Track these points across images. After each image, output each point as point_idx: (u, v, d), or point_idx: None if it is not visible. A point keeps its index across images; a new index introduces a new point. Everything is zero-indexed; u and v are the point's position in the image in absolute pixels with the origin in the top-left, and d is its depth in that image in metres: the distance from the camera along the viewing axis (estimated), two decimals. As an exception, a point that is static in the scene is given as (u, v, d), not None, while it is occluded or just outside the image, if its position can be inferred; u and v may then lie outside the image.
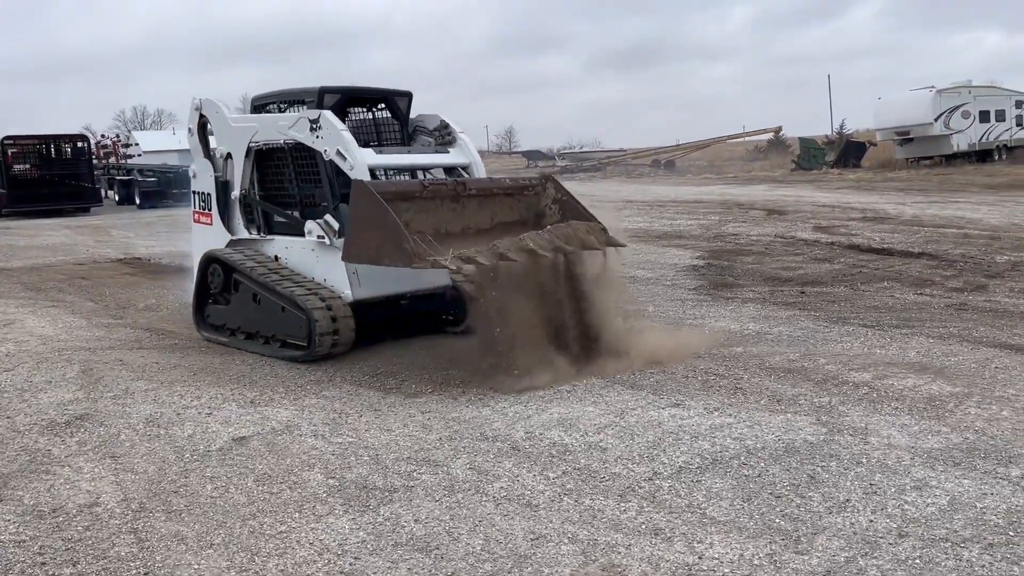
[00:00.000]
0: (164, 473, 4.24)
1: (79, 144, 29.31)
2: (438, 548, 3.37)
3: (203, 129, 7.65)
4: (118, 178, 32.38)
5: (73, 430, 4.92)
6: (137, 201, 29.65)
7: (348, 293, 6.35)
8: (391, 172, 7.05)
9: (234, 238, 7.38)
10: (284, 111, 7.18)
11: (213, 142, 7.64)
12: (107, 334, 7.67)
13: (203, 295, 7.36)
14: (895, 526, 3.40)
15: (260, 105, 7.50)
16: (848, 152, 37.65)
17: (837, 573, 3.07)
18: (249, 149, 7.16)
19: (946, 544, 3.24)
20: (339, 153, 6.28)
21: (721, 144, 47.73)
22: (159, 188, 29.53)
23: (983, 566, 3.07)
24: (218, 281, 7.15)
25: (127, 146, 41.48)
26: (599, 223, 6.22)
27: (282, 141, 6.86)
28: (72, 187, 27.29)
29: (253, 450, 4.54)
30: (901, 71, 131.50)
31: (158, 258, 13.62)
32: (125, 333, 7.73)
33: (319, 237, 6.47)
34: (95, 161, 32.06)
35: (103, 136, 40.92)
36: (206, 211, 7.69)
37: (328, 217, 6.43)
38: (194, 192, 7.85)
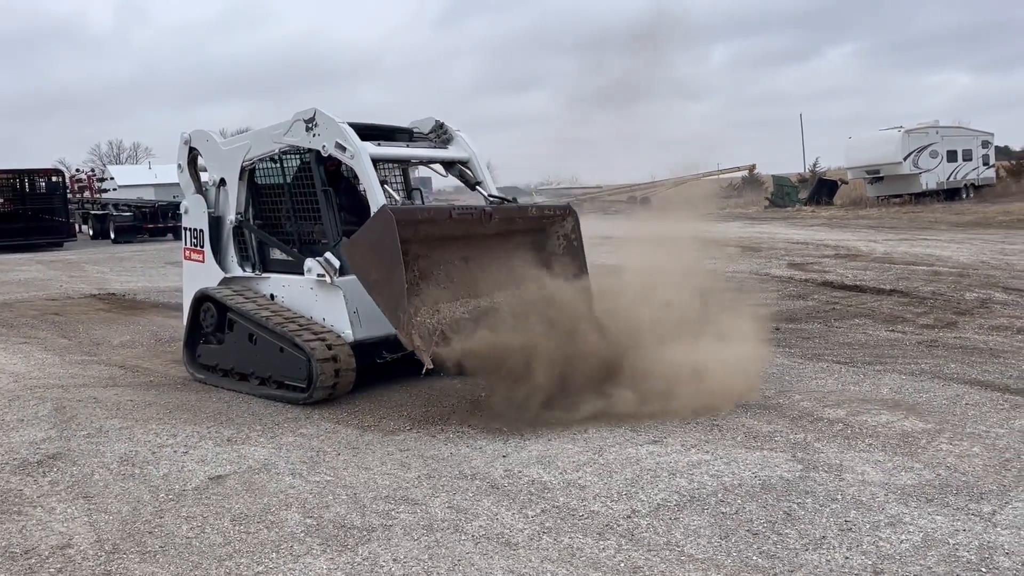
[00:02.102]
0: (138, 513, 4.19)
1: (53, 178, 29.14)
2: (417, 588, 3.35)
3: (193, 164, 7.56)
4: (92, 212, 32.20)
5: (45, 469, 4.85)
6: (112, 236, 29.44)
7: (348, 333, 6.18)
8: (390, 165, 7.01)
9: (227, 276, 7.24)
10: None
11: (204, 176, 7.53)
12: (81, 371, 7.59)
13: (194, 334, 7.16)
14: (870, 563, 3.44)
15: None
16: (820, 190, 38.30)
17: (814, 610, 3.09)
18: (243, 170, 7.02)
19: (920, 580, 3.27)
20: (338, 145, 6.14)
21: (696, 182, 48.33)
22: (134, 223, 29.38)
23: (956, 602, 3.11)
24: (211, 320, 6.97)
25: (102, 180, 41.29)
26: (587, 282, 6.30)
27: (277, 151, 6.73)
28: (46, 222, 27.06)
29: (230, 489, 4.50)
30: (873, 111, 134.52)
31: (133, 294, 13.49)
32: (99, 370, 7.64)
33: (319, 276, 6.29)
34: (69, 195, 31.86)
35: (78, 170, 40.76)
36: (198, 248, 7.53)
37: (328, 255, 6.25)
38: (185, 228, 7.69)
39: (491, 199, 6.68)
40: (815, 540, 3.67)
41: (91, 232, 31.19)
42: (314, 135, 6.33)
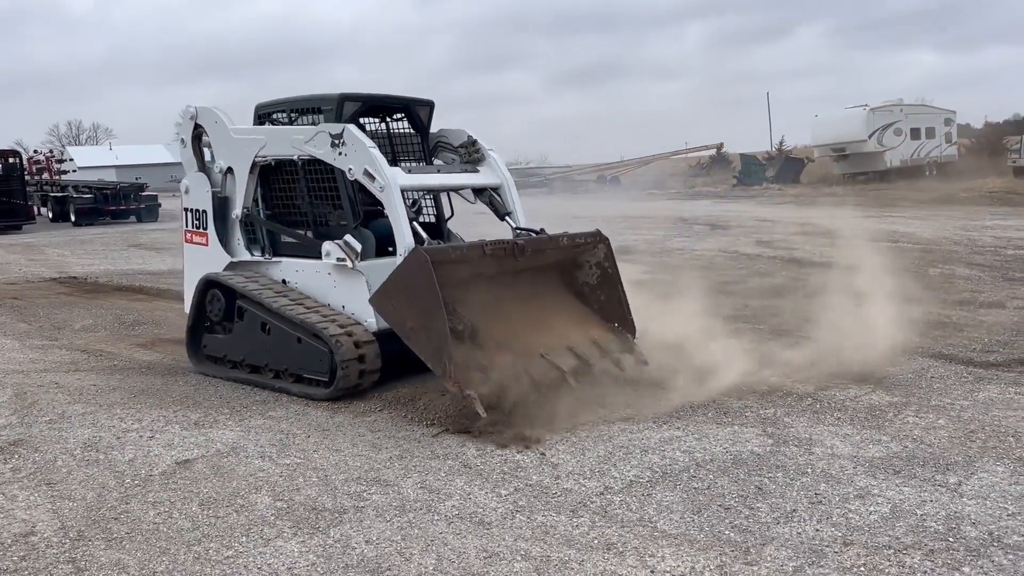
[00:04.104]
0: (103, 499, 4.11)
1: (11, 160, 28.44)
2: (390, 569, 3.33)
3: (198, 140, 7.02)
4: (52, 195, 31.47)
5: (6, 456, 4.73)
6: (72, 218, 28.84)
7: (372, 322, 5.74)
8: (419, 194, 6.53)
9: (234, 260, 6.74)
10: (295, 121, 6.57)
11: (208, 154, 7.04)
12: (41, 356, 7.42)
13: (199, 324, 6.70)
14: (840, 535, 3.48)
15: (266, 114, 6.79)
16: (787, 168, 38.62)
17: (786, 583, 3.12)
18: (254, 164, 6.51)
19: (889, 551, 3.32)
20: (367, 173, 5.69)
21: (664, 160, 48.49)
22: (95, 205, 28.79)
23: (925, 572, 3.15)
24: (219, 308, 6.49)
25: (61, 162, 40.38)
26: (631, 316, 5.98)
27: (295, 156, 6.24)
28: (3, 204, 26.40)
29: (198, 473, 4.43)
30: (841, 90, 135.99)
31: (95, 277, 13.23)
32: (60, 355, 7.48)
33: (338, 260, 5.88)
34: (28, 177, 31.10)
35: (36, 152, 39.76)
36: (201, 230, 6.96)
37: (348, 237, 5.86)
38: (186, 209, 7.11)
39: (519, 231, 6.20)
40: (786, 513, 3.70)
41: (50, 215, 30.52)
42: (340, 153, 5.84)
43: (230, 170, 6.74)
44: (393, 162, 6.61)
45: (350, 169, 5.79)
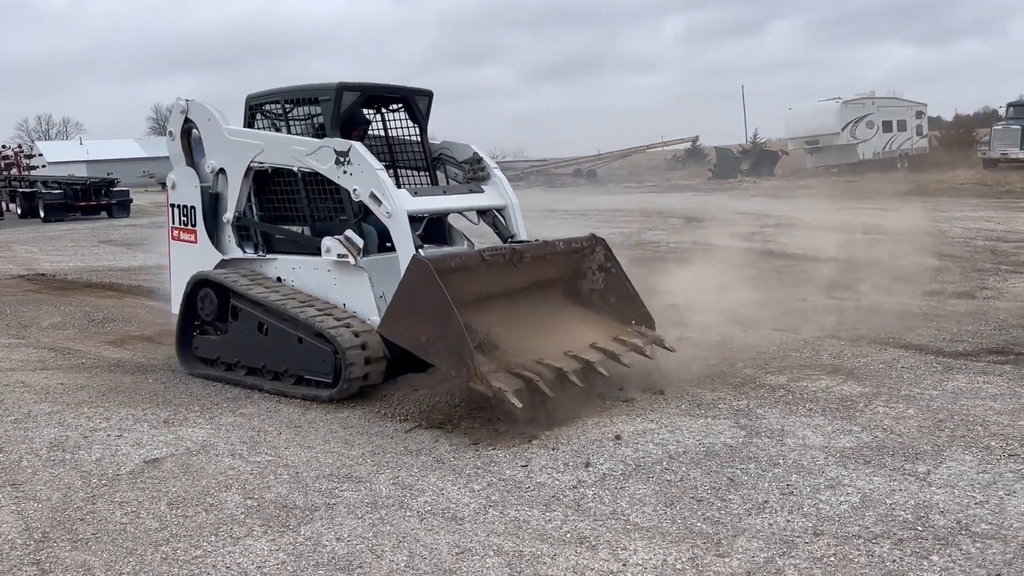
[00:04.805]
0: (69, 500, 4.04)
1: (-22, 155, 27.91)
2: (361, 567, 3.30)
3: (187, 135, 6.75)
4: (20, 190, 30.91)
5: (-31, 458, 4.64)
6: (42, 214, 28.37)
7: (375, 320, 5.52)
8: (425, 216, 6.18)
9: (226, 258, 6.50)
10: (290, 111, 6.30)
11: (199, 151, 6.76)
12: (7, 355, 7.29)
13: (189, 324, 6.48)
14: (811, 525, 3.50)
15: (257, 105, 6.50)
16: (762, 161, 38.86)
17: (757, 574, 3.13)
18: (249, 169, 6.28)
19: (859, 541, 3.34)
20: (373, 196, 5.54)
21: (640, 153, 48.66)
22: (65, 200, 28.34)
23: (894, 561, 3.18)
24: (211, 308, 6.26)
25: (30, 157, 39.71)
26: (645, 308, 5.86)
27: (295, 168, 6.04)
28: (-30, 200, 25.93)
29: (166, 472, 4.37)
30: (816, 83, 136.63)
31: (64, 274, 13.03)
32: (27, 353, 7.35)
33: (339, 256, 5.71)
34: (-5, 173, 30.59)
35: (4, 147, 39.07)
36: (189, 227, 6.69)
37: (350, 233, 5.72)
38: (172, 205, 6.85)
39: (511, 240, 6.07)
40: (758, 504, 3.71)
41: (19, 211, 30.01)
42: (345, 172, 5.66)
43: (222, 171, 6.52)
44: (391, 164, 6.50)
45: (355, 190, 5.63)
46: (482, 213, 6.28)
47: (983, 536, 3.34)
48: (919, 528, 3.43)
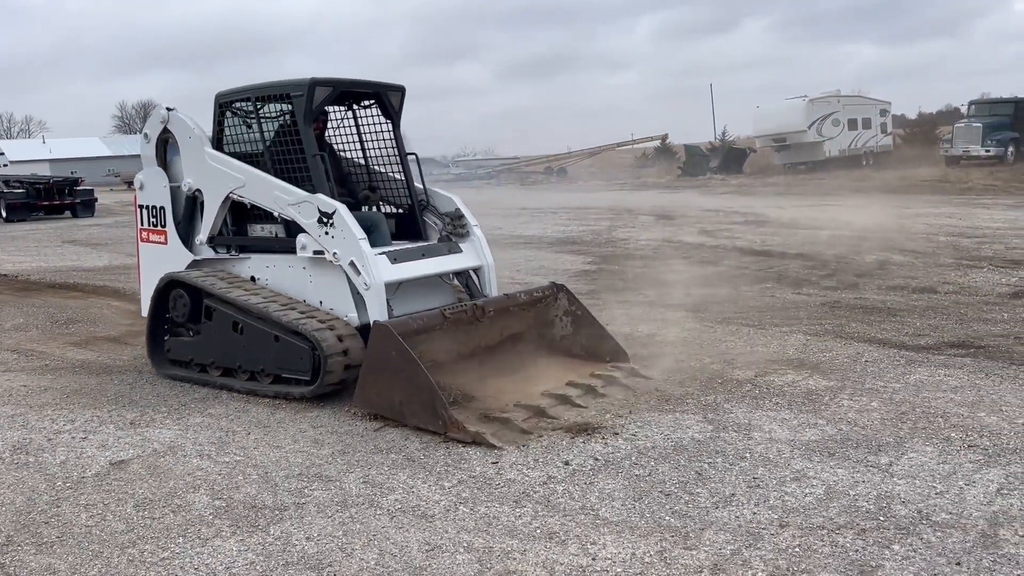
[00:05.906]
0: (33, 503, 3.98)
1: (-64, 154, 27.30)
2: (331, 565, 3.29)
3: (164, 144, 6.64)
4: (-19, 190, 30.29)
5: (-71, 462, 4.55)
6: (3, 214, 27.82)
7: (354, 316, 5.53)
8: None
9: (197, 258, 6.41)
10: (260, 108, 6.11)
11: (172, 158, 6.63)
12: (-31, 357, 7.16)
13: (159, 326, 6.35)
14: (776, 517, 3.55)
15: (228, 102, 6.31)
16: (730, 159, 39.22)
17: (723, 566, 3.18)
18: (228, 198, 6.20)
19: (823, 532, 3.40)
20: (352, 265, 5.48)
21: (611, 151, 48.86)
22: (28, 200, 27.81)
23: (856, 551, 3.24)
24: (183, 309, 6.15)
25: (-9, 156, 38.93)
26: (615, 342, 5.96)
27: (276, 214, 5.93)
28: (-71, 200, 25.38)
29: (133, 474, 4.32)
30: (782, 81, 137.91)
31: (27, 274, 12.80)
32: (-10, 355, 7.22)
33: (315, 252, 5.65)
34: (-45, 172, 29.93)
35: (-36, 145, 38.27)
36: (159, 228, 6.59)
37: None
38: (141, 206, 6.69)
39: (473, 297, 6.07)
40: (725, 498, 3.76)
41: (-19, 211, 29.39)
42: (327, 233, 5.56)
43: (199, 191, 6.39)
44: (362, 154, 6.48)
45: (335, 253, 5.54)
46: (458, 273, 6.25)
47: (943, 525, 3.41)
48: (881, 518, 3.50)
